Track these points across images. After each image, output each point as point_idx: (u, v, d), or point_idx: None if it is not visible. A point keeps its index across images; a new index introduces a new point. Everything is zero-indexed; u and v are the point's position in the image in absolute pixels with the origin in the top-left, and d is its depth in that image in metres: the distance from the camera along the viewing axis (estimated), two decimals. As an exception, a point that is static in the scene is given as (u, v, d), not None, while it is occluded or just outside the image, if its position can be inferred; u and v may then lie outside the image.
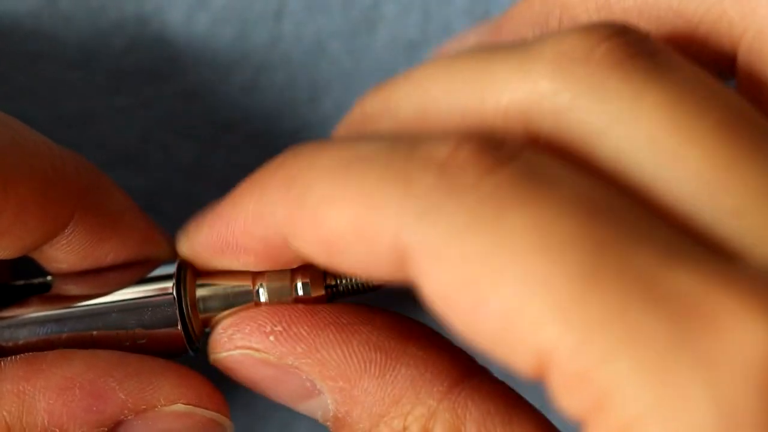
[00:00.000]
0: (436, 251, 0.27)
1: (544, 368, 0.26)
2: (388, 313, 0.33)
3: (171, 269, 0.34)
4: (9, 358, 0.33)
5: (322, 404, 0.32)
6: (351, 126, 0.34)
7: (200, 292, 0.34)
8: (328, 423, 0.32)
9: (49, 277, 0.35)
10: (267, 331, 0.33)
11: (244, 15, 0.40)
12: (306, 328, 0.32)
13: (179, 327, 0.34)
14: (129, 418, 0.33)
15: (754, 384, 0.24)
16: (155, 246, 0.35)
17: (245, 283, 0.34)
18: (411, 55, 0.40)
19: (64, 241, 0.34)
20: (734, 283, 0.25)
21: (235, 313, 0.34)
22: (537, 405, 0.40)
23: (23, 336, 0.34)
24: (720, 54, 0.32)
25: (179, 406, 0.33)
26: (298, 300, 0.33)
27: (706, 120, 0.28)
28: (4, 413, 0.32)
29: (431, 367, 0.31)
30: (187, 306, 0.34)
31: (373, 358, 0.32)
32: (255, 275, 0.34)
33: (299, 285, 0.33)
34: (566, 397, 0.26)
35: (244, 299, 0.34)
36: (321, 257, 0.30)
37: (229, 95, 0.40)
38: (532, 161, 0.27)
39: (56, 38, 0.39)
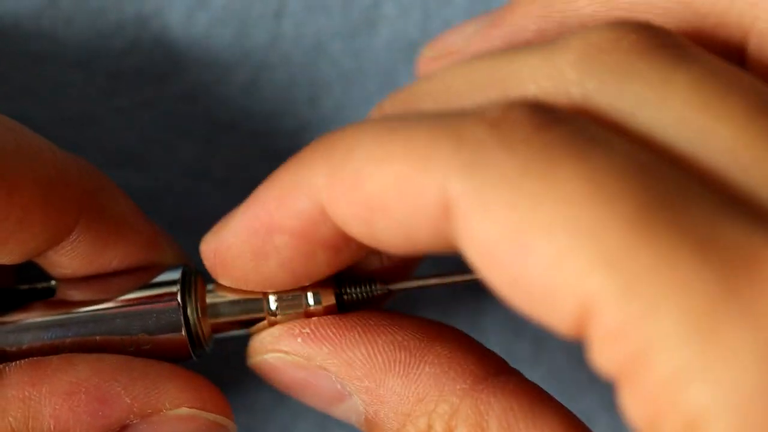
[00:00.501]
0: (483, 200, 0.26)
1: (585, 321, 0.26)
2: (414, 317, 0.33)
3: (176, 275, 0.35)
4: (14, 363, 0.33)
5: (354, 407, 0.32)
6: None
7: (210, 299, 0.34)
8: (362, 426, 0.32)
9: (53, 282, 0.35)
10: (295, 333, 0.33)
11: (243, 15, 0.40)
12: (332, 329, 0.32)
13: (183, 333, 0.34)
14: (134, 422, 0.33)
15: None
16: (160, 251, 0.35)
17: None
18: (411, 55, 0.40)
19: (69, 247, 0.34)
20: None
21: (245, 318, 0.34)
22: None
23: (27, 340, 0.34)
24: (729, 44, 0.32)
25: (184, 410, 0.34)
26: (308, 311, 0.33)
27: (732, 99, 0.28)
28: (10, 419, 0.32)
29: (455, 366, 0.31)
30: (193, 312, 0.34)
31: (397, 357, 0.31)
32: None
33: (310, 294, 0.33)
34: (605, 352, 0.26)
35: (254, 306, 0.34)
36: (360, 225, 0.29)
37: (229, 95, 0.40)
38: (583, 125, 0.27)
39: (57, 39, 0.39)
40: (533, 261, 0.26)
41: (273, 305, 0.34)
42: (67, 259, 0.34)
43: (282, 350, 0.33)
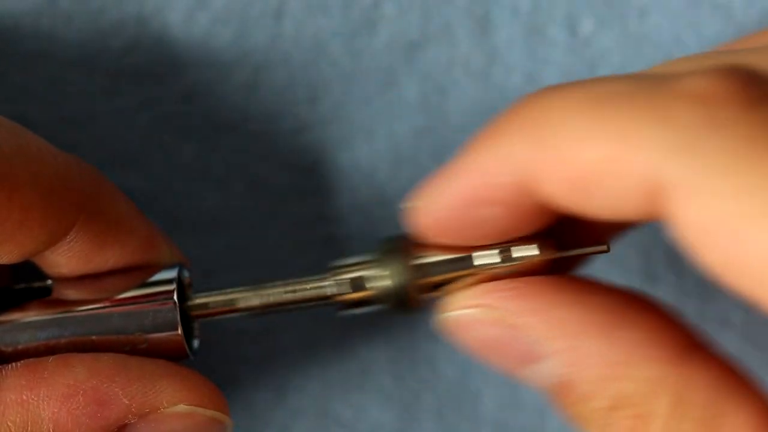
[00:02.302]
0: (697, 186, 0.27)
1: None
2: (612, 285, 0.32)
3: (172, 274, 0.35)
4: (10, 365, 0.33)
5: (546, 369, 0.31)
6: None
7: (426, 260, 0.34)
8: (551, 390, 0.31)
9: (49, 281, 0.35)
10: (500, 288, 0.32)
11: (243, 15, 0.40)
12: (539, 287, 0.32)
13: (180, 332, 0.34)
14: (133, 421, 0.33)
15: None
16: (157, 251, 0.35)
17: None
18: (411, 55, 0.40)
19: (66, 247, 0.34)
20: None
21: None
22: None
23: (23, 340, 0.34)
24: None
25: (181, 407, 0.34)
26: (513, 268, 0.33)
27: None
28: (9, 424, 0.32)
29: (659, 334, 0.31)
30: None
31: (603, 319, 0.31)
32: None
33: (518, 250, 0.33)
34: None
35: (461, 265, 0.33)
36: (567, 199, 0.30)
37: (229, 95, 0.40)
38: None
39: (56, 38, 0.39)
40: (749, 248, 0.26)
41: (479, 261, 0.33)
42: (65, 259, 0.34)
43: (485, 304, 0.32)
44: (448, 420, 0.41)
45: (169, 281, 0.34)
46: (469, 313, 0.33)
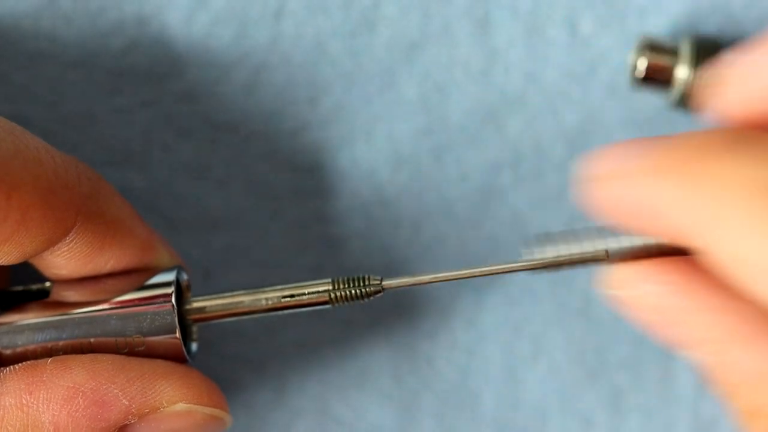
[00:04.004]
0: None
1: None
2: None
3: (170, 276, 0.35)
4: (8, 368, 0.33)
5: (697, 357, 0.31)
6: None
7: None
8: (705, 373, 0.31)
9: (47, 283, 0.35)
10: (660, 279, 0.31)
11: (243, 15, 0.40)
12: (695, 288, 0.31)
13: (178, 335, 0.34)
14: (133, 422, 0.33)
15: None
16: (155, 254, 0.35)
17: None
18: (411, 55, 0.40)
19: (65, 248, 0.34)
20: None
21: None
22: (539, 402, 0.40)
23: (21, 342, 0.34)
24: None
25: (181, 406, 0.34)
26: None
27: None
28: (9, 428, 0.32)
29: None
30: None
31: (750, 326, 0.30)
32: None
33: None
34: None
35: None
36: None
37: (229, 95, 0.40)
38: None
39: (56, 38, 0.39)
40: None
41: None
42: (63, 260, 0.34)
43: (641, 293, 0.32)
44: (448, 420, 0.41)
45: (167, 284, 0.34)
46: (635, 295, 0.32)
